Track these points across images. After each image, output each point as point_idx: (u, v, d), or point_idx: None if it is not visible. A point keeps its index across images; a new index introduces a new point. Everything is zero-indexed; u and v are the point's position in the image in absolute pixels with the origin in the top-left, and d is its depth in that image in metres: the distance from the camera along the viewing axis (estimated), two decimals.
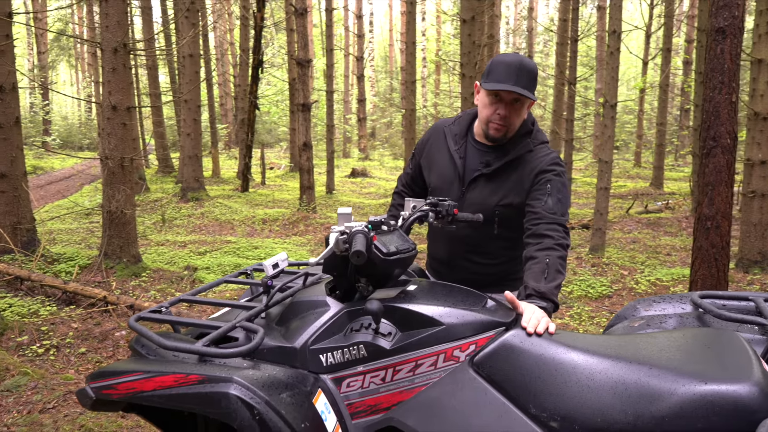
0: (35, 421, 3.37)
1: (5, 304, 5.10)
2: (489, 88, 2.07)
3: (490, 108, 2.12)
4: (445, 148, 2.32)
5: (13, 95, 6.02)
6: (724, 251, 3.72)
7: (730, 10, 3.55)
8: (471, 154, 2.26)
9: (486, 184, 2.21)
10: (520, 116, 2.14)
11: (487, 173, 2.20)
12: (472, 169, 2.24)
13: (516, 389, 1.67)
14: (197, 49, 11.86)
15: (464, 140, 2.30)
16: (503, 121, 2.11)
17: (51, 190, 15.34)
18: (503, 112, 2.09)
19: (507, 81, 2.03)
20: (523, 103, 2.12)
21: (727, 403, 1.47)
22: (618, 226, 9.98)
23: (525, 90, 2.04)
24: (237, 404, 1.47)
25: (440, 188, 2.31)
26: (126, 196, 5.89)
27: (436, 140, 2.37)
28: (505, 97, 2.08)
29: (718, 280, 3.71)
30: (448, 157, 2.30)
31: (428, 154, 2.40)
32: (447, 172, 2.29)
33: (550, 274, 1.93)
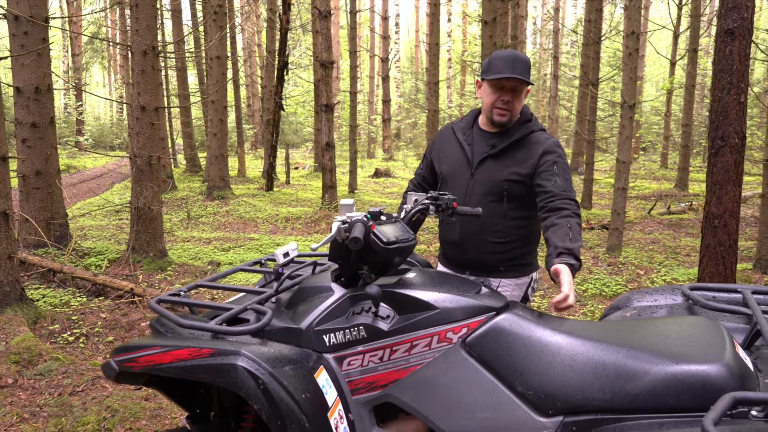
0: (65, 402, 3.58)
1: (39, 295, 5.37)
2: (491, 78, 2.33)
3: (493, 96, 2.37)
4: (454, 139, 2.57)
5: (48, 96, 6.31)
6: (732, 249, 3.76)
7: (739, 12, 3.60)
8: (477, 141, 2.50)
9: (493, 163, 2.43)
10: (520, 102, 2.40)
11: (493, 153, 2.43)
12: (479, 152, 2.47)
13: (504, 369, 1.79)
14: (224, 52, 12.14)
15: (471, 130, 2.54)
16: (507, 106, 2.37)
17: (83, 188, 15.81)
18: (506, 97, 2.35)
19: (506, 71, 2.29)
20: (521, 90, 2.37)
21: (696, 382, 1.57)
22: (639, 226, 9.95)
23: (521, 76, 2.30)
24: (244, 375, 1.62)
25: (451, 173, 2.52)
26: (153, 193, 6.13)
27: (446, 137, 2.62)
28: (506, 84, 2.34)
29: (725, 277, 3.76)
30: (457, 146, 2.54)
31: (438, 149, 2.62)
32: (456, 158, 2.52)
33: (574, 236, 2.15)
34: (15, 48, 6.02)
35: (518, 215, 2.44)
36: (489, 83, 2.38)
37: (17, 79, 6.10)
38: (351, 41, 13.62)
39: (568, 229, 2.15)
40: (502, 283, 2.51)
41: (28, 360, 4.10)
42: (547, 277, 6.45)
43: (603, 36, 11.23)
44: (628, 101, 6.95)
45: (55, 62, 37.51)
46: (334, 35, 31.08)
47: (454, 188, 2.50)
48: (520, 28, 19.68)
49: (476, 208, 2.35)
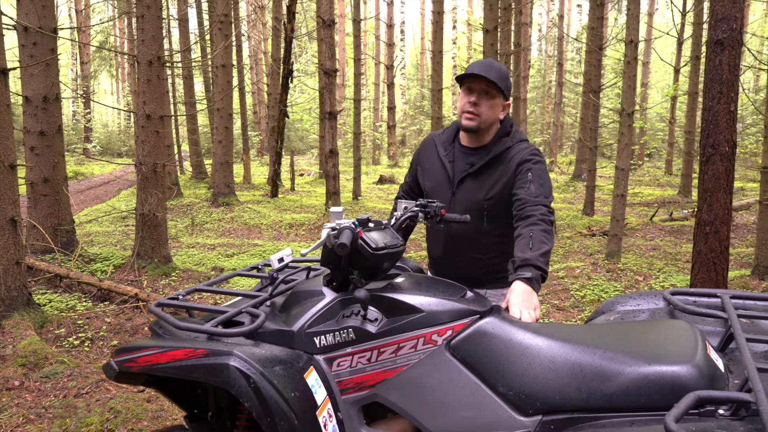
0: (70, 404, 3.67)
1: (45, 300, 5.48)
2: (462, 75, 2.31)
3: (463, 100, 2.36)
4: (435, 154, 2.56)
5: (56, 105, 6.44)
6: (723, 256, 3.82)
7: (728, 23, 3.68)
8: (458, 158, 2.49)
9: (473, 183, 2.43)
10: (491, 108, 2.35)
11: (472, 172, 2.42)
12: (460, 170, 2.46)
13: (487, 370, 1.87)
14: (230, 60, 12.29)
15: (452, 146, 2.53)
16: (474, 109, 2.32)
17: (90, 195, 16.00)
18: (474, 99, 2.31)
19: (475, 70, 2.28)
20: (493, 96, 2.33)
21: (667, 382, 1.64)
22: (641, 233, 9.99)
23: (492, 79, 2.27)
24: (235, 374, 1.71)
25: (434, 190, 2.54)
26: (158, 199, 6.24)
27: (428, 149, 2.62)
28: (475, 87, 2.32)
29: (716, 283, 3.82)
30: (438, 162, 2.53)
31: (422, 162, 2.64)
32: (438, 175, 2.52)
33: (535, 244, 2.10)
34: (24, 58, 6.16)
35: (500, 232, 2.45)
36: (462, 88, 2.39)
37: (26, 89, 6.24)
38: (355, 49, 13.75)
39: (529, 239, 2.11)
40: (488, 294, 2.54)
41: (34, 363, 4.20)
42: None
43: (605, 44, 11.29)
44: (627, 109, 7.03)
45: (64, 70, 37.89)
46: (339, 42, 31.31)
47: None
48: (524, 36, 19.80)
49: (464, 215, 2.43)
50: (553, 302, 5.93)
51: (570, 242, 8.96)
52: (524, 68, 20.09)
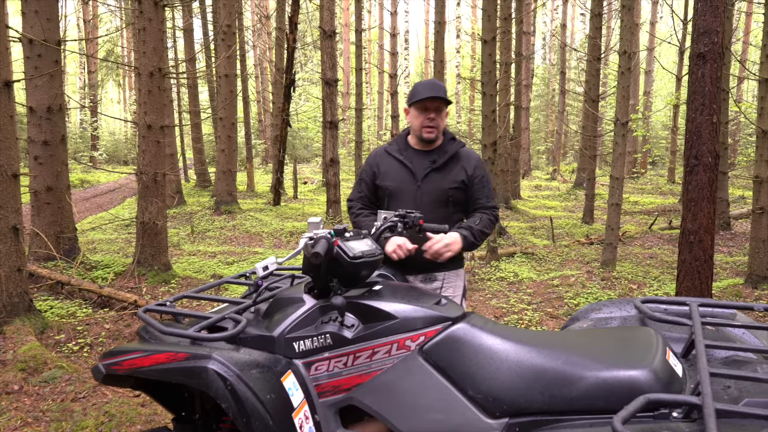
0: (67, 408, 3.77)
1: (47, 306, 5.59)
2: (417, 99, 2.72)
3: (420, 117, 2.77)
4: (391, 159, 2.91)
5: (59, 115, 6.58)
6: (707, 264, 3.89)
7: (710, 37, 3.76)
8: (416, 158, 2.87)
9: (437, 175, 2.83)
10: (443, 120, 2.82)
11: (436, 167, 2.83)
12: (422, 167, 2.84)
13: (457, 374, 1.96)
14: (233, 70, 12.45)
15: (406, 150, 2.91)
16: (433, 123, 2.77)
17: (96, 203, 16.16)
18: (432, 115, 2.76)
19: (429, 93, 2.71)
20: (442, 110, 2.79)
21: (623, 386, 1.73)
22: (639, 241, 10.04)
23: (443, 96, 2.72)
24: (213, 376, 1.80)
25: (398, 187, 2.85)
26: (158, 208, 6.35)
27: (382, 159, 2.95)
28: (429, 105, 2.74)
29: (701, 291, 3.88)
30: (398, 164, 2.88)
31: (380, 170, 2.93)
32: (401, 175, 2.86)
33: (481, 223, 2.77)
34: (29, 70, 6.30)
35: (459, 217, 2.89)
36: (415, 107, 2.77)
37: (31, 100, 6.38)
38: (357, 59, 13.89)
39: (479, 219, 2.79)
40: (447, 276, 2.87)
41: (33, 368, 4.30)
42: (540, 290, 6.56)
43: (603, 54, 11.37)
44: (621, 119, 7.10)
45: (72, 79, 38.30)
46: (344, 51, 31.51)
47: (402, 200, 2.81)
48: (526, 45, 19.91)
49: (443, 225, 2.54)
50: (546, 310, 6.00)
51: (567, 250, 9.02)
52: (526, 77, 20.18)
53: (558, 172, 24.61)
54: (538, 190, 19.75)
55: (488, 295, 6.62)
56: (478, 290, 6.87)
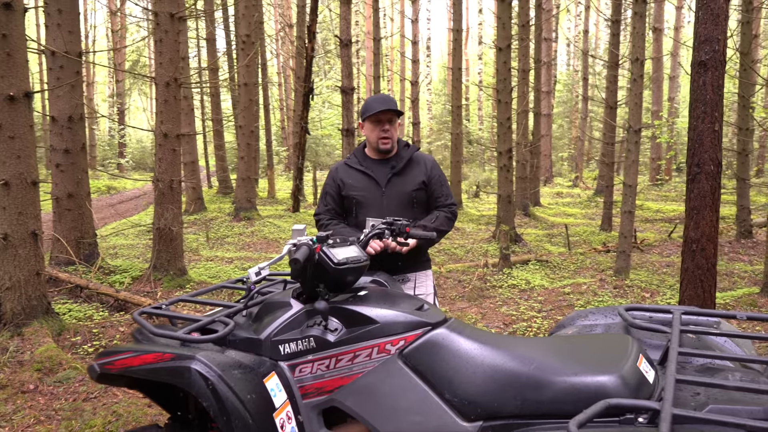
0: (78, 407, 3.90)
1: (66, 309, 5.77)
2: (371, 113, 2.90)
3: (375, 131, 2.95)
4: (354, 171, 3.07)
5: (80, 125, 6.80)
6: (710, 273, 3.87)
7: (711, 45, 3.76)
8: (375, 167, 3.05)
9: (399, 179, 3.00)
10: (396, 130, 3.00)
11: (396, 172, 3.01)
12: (383, 174, 3.01)
13: (435, 378, 2.02)
14: (252, 79, 12.66)
15: (366, 161, 3.09)
16: (388, 134, 2.95)
17: (121, 209, 16.53)
18: (386, 127, 2.94)
19: (381, 107, 2.89)
20: (395, 121, 2.97)
21: (591, 391, 1.77)
22: (658, 249, 9.93)
23: (393, 108, 2.90)
24: (196, 376, 1.88)
25: (364, 196, 3.00)
26: (174, 214, 6.51)
27: (345, 172, 3.10)
28: (382, 118, 2.92)
29: (704, 300, 3.87)
30: (361, 175, 3.05)
31: (343, 183, 3.07)
32: (364, 184, 3.03)
33: (436, 221, 2.94)
34: (51, 81, 6.53)
35: (422, 216, 3.03)
36: (369, 121, 2.95)
37: (53, 109, 6.61)
38: (375, 67, 14.03)
39: (435, 217, 2.95)
40: (418, 276, 3.03)
41: (49, 368, 4.45)
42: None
43: (621, 60, 11.31)
44: (633, 126, 7.07)
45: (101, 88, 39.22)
46: (366, 59, 31.70)
47: (370, 206, 2.96)
48: (547, 51, 19.85)
49: (430, 232, 2.61)
50: (556, 318, 5.99)
51: (582, 258, 8.97)
52: (547, 83, 20.09)
53: (580, 179, 24.41)
54: (559, 197, 19.61)
55: (499, 302, 6.64)
56: (488, 297, 6.89)
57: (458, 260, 9.15)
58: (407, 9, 32.22)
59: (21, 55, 4.78)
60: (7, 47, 4.69)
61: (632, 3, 7.34)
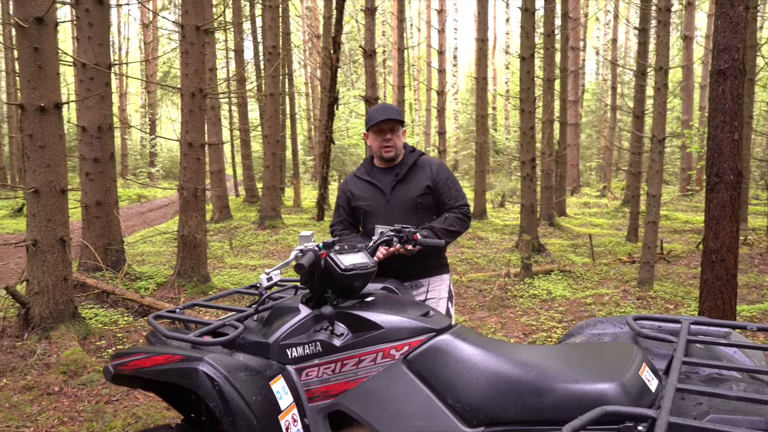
0: (100, 409, 4.01)
1: (92, 313, 5.92)
2: (372, 123, 2.94)
3: (378, 140, 2.98)
4: (361, 182, 3.12)
5: (109, 134, 7.00)
6: (730, 284, 3.81)
7: (730, 53, 3.72)
8: (381, 176, 3.08)
9: (403, 186, 3.01)
10: (399, 138, 3.01)
11: (400, 179, 3.02)
12: (388, 182, 3.04)
13: (438, 383, 2.04)
14: (277, 89, 12.86)
15: (372, 171, 3.12)
16: (390, 143, 2.97)
17: (150, 217, 16.87)
18: (388, 136, 2.96)
19: (381, 116, 2.92)
20: (397, 129, 2.99)
21: (590, 398, 1.77)
22: (685, 260, 9.75)
23: (395, 117, 2.93)
24: (203, 377, 1.94)
25: (370, 205, 3.04)
26: (197, 222, 6.64)
27: (353, 184, 3.16)
28: (384, 127, 2.95)
29: (724, 311, 3.80)
30: (367, 185, 3.09)
31: (353, 193, 3.13)
32: (370, 193, 3.07)
33: (446, 222, 2.89)
34: (82, 92, 6.75)
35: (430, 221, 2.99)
36: (372, 131, 2.98)
37: (82, 120, 6.82)
38: (399, 77, 14.10)
39: (444, 219, 2.92)
40: (432, 282, 3.02)
41: (74, 371, 4.58)
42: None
43: (648, 69, 11.18)
44: (657, 135, 6.98)
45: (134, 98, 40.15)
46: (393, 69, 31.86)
47: (376, 215, 2.99)
48: (574, 60, 19.71)
49: (439, 240, 2.63)
50: None
51: (606, 269, 8.86)
52: (574, 93, 19.94)
53: (608, 189, 24.09)
54: (586, 207, 19.39)
55: (519, 312, 6.60)
56: (508, 307, 6.85)
57: (480, 269, 9.12)
58: (434, 19, 32.35)
59: (52, 67, 4.96)
60: (39, 60, 4.87)
61: (656, 12, 7.28)
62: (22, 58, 4.87)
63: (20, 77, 4.92)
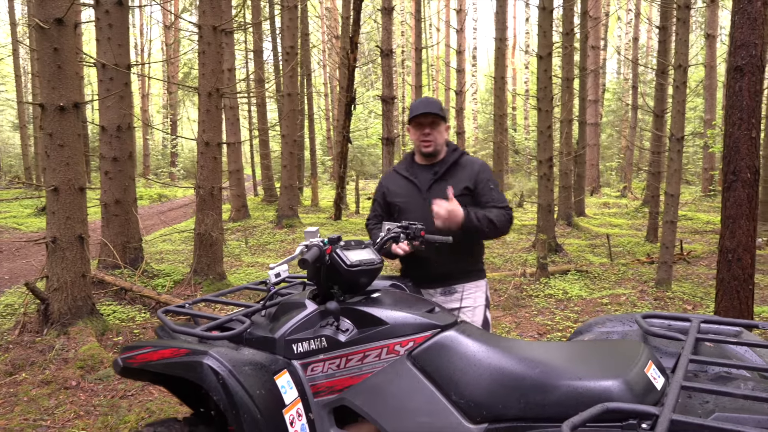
0: (115, 404, 4.07)
1: (110, 310, 6.01)
2: (411, 116, 2.89)
3: (417, 133, 2.91)
4: (399, 177, 3.04)
5: (128, 134, 7.09)
6: (747, 284, 3.74)
7: (747, 50, 3.66)
8: (420, 173, 2.98)
9: (441, 186, 2.88)
10: (440, 133, 2.91)
11: (438, 177, 2.91)
12: (426, 179, 2.94)
13: (442, 379, 2.04)
14: (295, 89, 12.92)
15: (412, 167, 3.03)
16: (428, 138, 2.88)
17: (170, 216, 17.06)
18: (427, 130, 2.87)
19: (420, 110, 2.85)
20: (437, 123, 2.89)
21: (594, 395, 1.76)
22: (706, 261, 9.60)
23: (435, 111, 2.84)
24: (207, 371, 1.96)
25: (406, 202, 2.95)
26: (213, 220, 6.71)
27: (391, 179, 3.09)
28: (423, 121, 2.87)
29: (740, 311, 3.74)
30: (405, 181, 3.00)
31: (389, 188, 3.06)
32: (407, 190, 2.98)
33: (491, 212, 2.78)
34: (101, 92, 6.85)
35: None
36: (412, 124, 2.92)
37: (102, 119, 6.92)
38: (416, 77, 14.08)
39: (488, 211, 2.80)
40: (467, 288, 2.92)
41: (91, 366, 4.65)
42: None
43: (668, 68, 11.03)
44: (676, 134, 6.88)
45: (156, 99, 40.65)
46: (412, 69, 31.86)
47: (411, 212, 2.90)
48: (594, 59, 19.50)
49: (447, 237, 2.62)
50: None
51: (624, 269, 8.76)
52: (594, 92, 19.73)
53: (629, 189, 23.80)
54: (605, 207, 19.17)
55: (534, 312, 6.55)
56: (524, 306, 6.81)
57: (496, 269, 9.07)
58: (453, 19, 32.27)
59: (71, 67, 5.04)
60: (59, 60, 4.95)
61: (676, 9, 7.18)
62: (42, 58, 4.96)
63: (40, 77, 5.01)
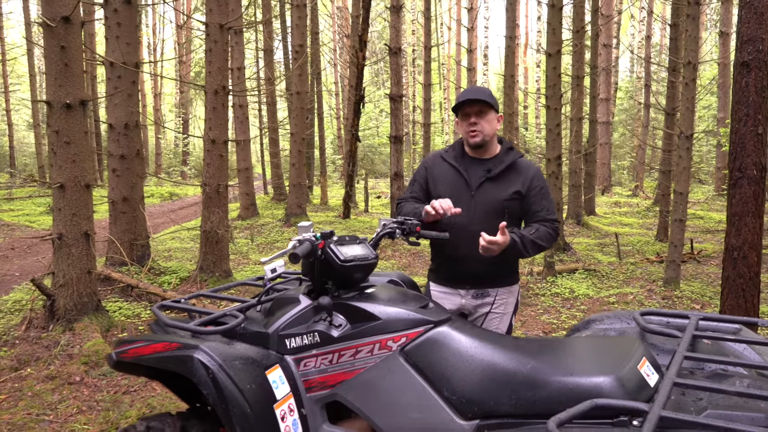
0: (118, 399, 4.09)
1: (116, 307, 6.05)
2: (457, 106, 2.71)
3: (463, 124, 2.73)
4: (446, 166, 2.83)
5: (136, 132, 7.13)
6: (752, 282, 3.69)
7: (754, 45, 3.61)
8: (471, 166, 2.78)
9: (492, 185, 2.72)
10: (488, 123, 2.71)
11: (491, 177, 2.73)
12: (477, 175, 2.75)
13: (434, 375, 2.03)
14: (304, 88, 12.94)
15: (462, 158, 2.83)
16: (475, 127, 2.69)
17: (181, 214, 17.17)
18: (473, 120, 2.68)
19: (467, 97, 2.67)
20: (486, 112, 2.69)
21: (584, 391, 1.74)
22: (716, 261, 9.49)
23: (483, 98, 2.65)
24: (197, 365, 1.96)
25: (450, 196, 2.69)
26: (219, 217, 6.73)
27: (436, 163, 2.89)
28: (470, 110, 2.69)
29: (746, 310, 3.69)
30: (453, 172, 2.80)
31: (431, 174, 2.88)
32: (454, 182, 2.78)
33: (537, 233, 2.63)
34: (110, 90, 6.89)
35: (512, 230, 2.65)
36: (459, 115, 2.74)
37: (110, 117, 6.97)
38: (425, 75, 14.05)
39: (536, 229, 2.65)
40: (500, 293, 2.77)
41: (95, 362, 4.68)
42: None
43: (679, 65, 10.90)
44: (685, 132, 6.81)
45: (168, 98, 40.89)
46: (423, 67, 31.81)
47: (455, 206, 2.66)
48: (606, 57, 19.35)
49: (443, 233, 2.59)
50: None
51: (633, 268, 8.68)
52: (605, 91, 19.58)
53: (640, 188, 23.61)
54: (616, 206, 19.04)
55: (540, 311, 6.51)
56: (530, 305, 6.77)
57: None
58: (464, 17, 32.16)
59: (77, 65, 5.08)
60: (66, 58, 4.99)
61: (686, 5, 7.10)
62: (49, 56, 4.99)
63: (47, 75, 5.05)
